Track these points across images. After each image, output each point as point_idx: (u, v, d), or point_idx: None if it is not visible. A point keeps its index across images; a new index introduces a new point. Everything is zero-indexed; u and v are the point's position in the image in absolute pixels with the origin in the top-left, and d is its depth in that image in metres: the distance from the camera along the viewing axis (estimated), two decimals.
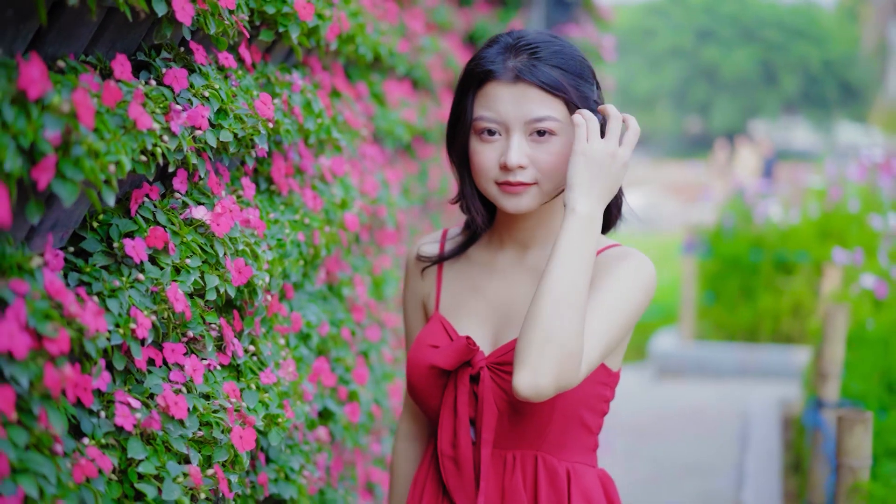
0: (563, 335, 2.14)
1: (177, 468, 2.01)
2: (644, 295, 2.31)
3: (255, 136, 2.44)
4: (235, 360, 2.42)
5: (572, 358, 2.14)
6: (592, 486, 2.40)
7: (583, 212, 2.19)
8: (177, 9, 2.06)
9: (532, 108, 2.28)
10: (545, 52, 2.31)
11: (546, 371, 2.13)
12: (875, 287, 6.47)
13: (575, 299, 2.16)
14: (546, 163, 2.29)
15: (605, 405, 2.43)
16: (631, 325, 2.30)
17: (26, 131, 1.55)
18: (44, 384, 1.59)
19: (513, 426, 2.37)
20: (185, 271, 2.17)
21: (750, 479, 6.70)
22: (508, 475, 2.39)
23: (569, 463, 2.38)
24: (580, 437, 2.39)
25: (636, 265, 2.32)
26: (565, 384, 2.15)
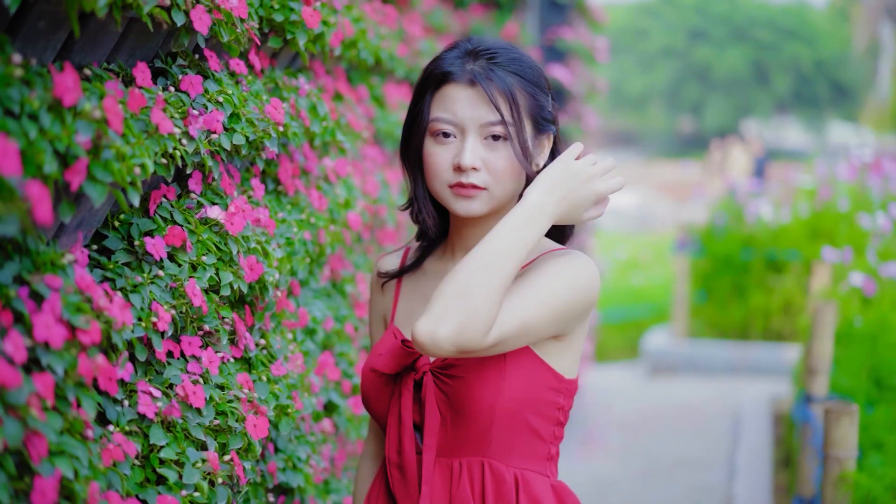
0: (475, 293, 2.13)
1: (195, 454, 2.12)
2: (576, 293, 2.29)
3: (266, 140, 2.55)
4: (247, 354, 2.53)
5: (479, 318, 2.12)
6: (544, 495, 2.38)
7: (534, 201, 2.21)
8: (194, 19, 2.17)
9: (487, 112, 2.30)
10: (503, 58, 2.34)
11: (447, 321, 2.12)
12: (863, 285, 6.58)
13: (497, 266, 2.16)
14: (498, 167, 2.31)
15: (560, 413, 2.39)
16: (558, 318, 2.27)
17: (61, 136, 1.67)
18: (78, 372, 1.71)
19: (457, 432, 2.34)
20: (201, 268, 2.28)
21: (741, 473, 6.82)
22: (455, 483, 2.36)
23: (517, 469, 2.36)
24: (529, 444, 2.37)
25: (573, 263, 2.31)
26: (466, 343, 2.13)
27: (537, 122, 2.36)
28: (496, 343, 2.18)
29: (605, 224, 22.45)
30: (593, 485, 7.15)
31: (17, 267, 1.73)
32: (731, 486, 6.72)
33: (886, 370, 5.38)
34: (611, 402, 9.62)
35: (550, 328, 2.28)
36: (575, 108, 8.48)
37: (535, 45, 7.60)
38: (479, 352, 2.17)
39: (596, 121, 9.18)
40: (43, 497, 1.59)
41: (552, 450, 2.41)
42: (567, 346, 2.36)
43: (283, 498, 2.85)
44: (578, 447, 8.09)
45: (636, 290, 14.68)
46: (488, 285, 2.14)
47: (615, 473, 7.46)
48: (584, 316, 2.35)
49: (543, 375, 2.34)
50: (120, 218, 2.20)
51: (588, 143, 9.22)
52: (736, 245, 10.68)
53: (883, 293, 6.61)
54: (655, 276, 15.39)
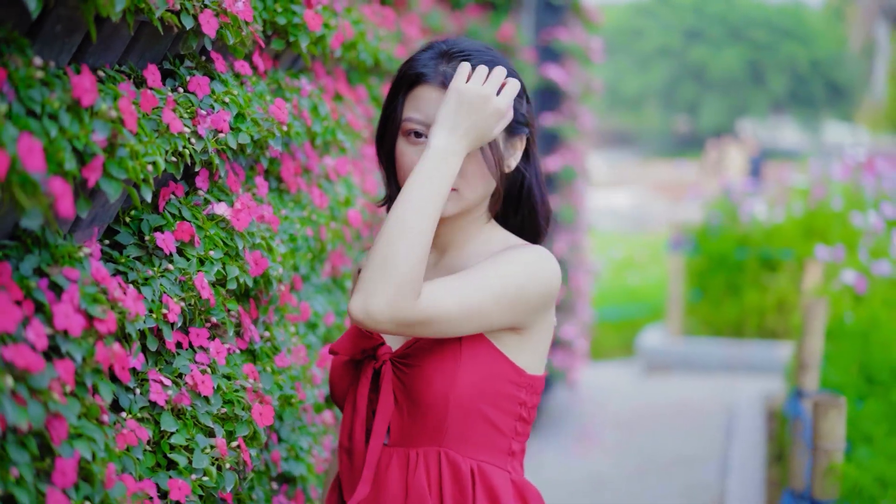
0: (397, 261, 2.16)
1: (204, 440, 2.21)
2: (531, 283, 2.31)
3: (270, 139, 2.64)
4: (252, 346, 2.62)
5: (406, 284, 2.16)
6: (502, 488, 2.38)
7: (439, 146, 2.23)
8: (203, 22, 2.26)
9: None
10: (477, 60, 2.35)
11: (377, 292, 2.16)
12: (855, 282, 6.68)
13: (412, 228, 2.19)
14: (469, 169, 2.33)
15: (521, 409, 2.41)
16: (511, 307, 2.29)
17: (80, 135, 1.76)
18: (95, 359, 1.80)
19: (413, 421, 2.36)
20: (208, 262, 2.37)
21: (734, 469, 6.91)
22: (412, 473, 2.37)
23: (475, 461, 2.37)
24: (488, 437, 2.37)
25: (531, 255, 2.34)
26: (400, 312, 2.16)
27: (510, 124, 2.38)
28: (433, 316, 2.21)
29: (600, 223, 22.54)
30: (588, 482, 7.24)
31: (36, 260, 1.82)
32: (725, 482, 6.81)
33: (876, 366, 5.47)
34: (606, 399, 9.70)
35: (503, 317, 2.30)
36: (570, 108, 8.56)
37: (530, 46, 7.68)
38: (420, 321, 2.19)
39: (591, 120, 9.26)
40: (63, 477, 1.67)
41: (513, 445, 2.42)
42: (527, 341, 2.38)
43: (286, 486, 2.94)
44: (574, 444, 8.17)
45: (632, 289, 14.77)
46: (407, 249, 2.17)
47: (610, 470, 7.55)
48: (541, 309, 2.36)
49: (502, 368, 2.36)
50: (131, 214, 2.28)
51: (584, 143, 9.32)
52: (730, 244, 10.76)
53: (874, 291, 6.71)
54: (651, 276, 15.47)
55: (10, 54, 1.70)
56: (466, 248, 2.45)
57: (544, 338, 2.42)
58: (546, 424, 8.67)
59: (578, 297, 9.17)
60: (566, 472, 7.45)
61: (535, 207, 2.50)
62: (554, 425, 8.68)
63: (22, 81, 1.68)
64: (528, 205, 2.49)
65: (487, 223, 2.47)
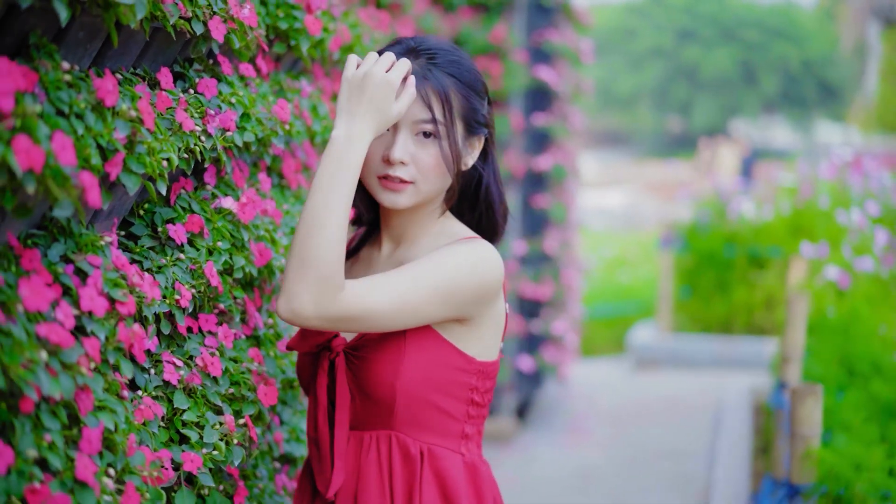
0: (314, 256, 2.22)
1: (214, 418, 2.37)
2: (468, 276, 2.38)
3: (273, 137, 2.80)
4: (257, 332, 2.78)
5: (326, 279, 2.22)
6: (451, 470, 2.47)
7: (338, 135, 2.29)
8: (212, 28, 2.42)
9: (420, 110, 2.40)
10: (442, 59, 2.44)
11: (299, 291, 2.23)
12: (838, 278, 6.85)
13: (323, 222, 2.24)
14: (426, 164, 2.41)
15: (473, 394, 2.49)
16: (449, 300, 2.36)
17: (103, 133, 1.92)
18: (117, 338, 1.96)
19: (365, 407, 2.46)
20: (217, 252, 2.53)
21: (721, 460, 7.06)
22: (364, 454, 2.47)
23: (425, 444, 2.46)
24: (438, 421, 2.46)
25: (470, 249, 2.42)
26: (325, 307, 2.23)
27: (469, 123, 2.47)
28: (360, 312, 2.27)
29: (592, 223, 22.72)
30: (578, 474, 7.41)
31: (62, 248, 1.98)
32: (711, 473, 6.96)
33: (857, 358, 5.64)
34: (596, 394, 9.87)
35: (439, 310, 2.37)
36: (561, 109, 8.71)
37: (522, 47, 7.83)
38: (348, 317, 2.26)
39: (581, 120, 9.42)
40: (89, 445, 1.83)
41: (466, 428, 2.50)
42: (474, 330, 2.45)
43: (287, 466, 3.10)
44: (565, 438, 8.33)
45: (623, 287, 14.92)
46: (322, 245, 2.23)
47: (600, 463, 7.71)
48: (483, 301, 2.43)
49: (449, 356, 2.44)
50: (145, 207, 2.44)
51: (574, 143, 9.48)
52: (719, 242, 10.90)
53: (857, 286, 6.88)
54: (642, 274, 15.63)
55: (41, 59, 1.86)
56: (419, 241, 2.53)
57: (493, 326, 2.49)
58: (537, 418, 8.84)
59: (569, 294, 9.33)
60: (557, 465, 7.62)
61: (493, 206, 2.59)
62: (545, 419, 8.85)
63: (51, 84, 1.84)
64: (485, 203, 2.58)
65: (442, 216, 2.55)
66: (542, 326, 8.56)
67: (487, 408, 2.56)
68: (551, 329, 8.64)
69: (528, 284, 8.21)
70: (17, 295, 1.69)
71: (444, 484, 2.46)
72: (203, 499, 2.45)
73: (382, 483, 2.46)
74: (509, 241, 7.86)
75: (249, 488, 2.66)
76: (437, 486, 2.46)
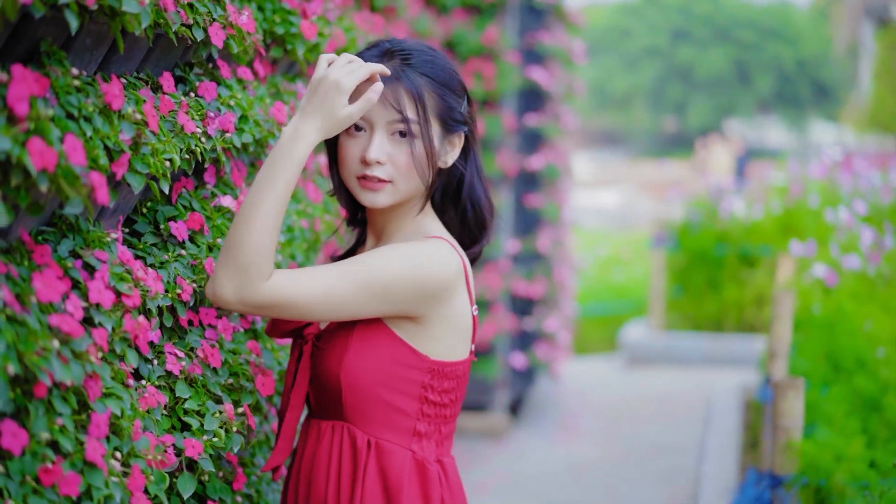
0: (238, 247, 2.30)
1: (214, 406, 2.48)
2: (405, 274, 2.43)
3: (271, 138, 2.91)
4: (254, 325, 2.89)
5: (250, 268, 2.30)
6: (396, 464, 2.51)
7: (285, 131, 2.37)
8: (212, 34, 2.53)
9: (394, 110, 2.46)
10: (417, 59, 2.50)
11: (222, 278, 2.33)
12: (825, 276, 6.97)
13: (254, 214, 2.32)
14: (402, 163, 2.47)
15: (428, 391, 2.53)
16: (383, 297, 2.42)
17: (110, 135, 2.03)
18: (123, 329, 2.08)
19: (322, 396, 2.56)
20: (216, 249, 2.64)
21: (710, 455, 7.17)
22: (318, 442, 2.57)
23: (374, 437, 2.51)
24: (388, 417, 2.51)
25: (417, 247, 2.48)
26: (247, 295, 2.32)
27: (446, 122, 2.52)
28: (281, 301, 2.35)
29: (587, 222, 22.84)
30: (570, 469, 7.53)
31: (71, 244, 2.10)
32: (701, 467, 7.08)
33: (842, 354, 5.75)
34: (589, 391, 9.98)
35: (371, 306, 2.43)
36: (553, 109, 8.83)
37: (514, 49, 7.95)
38: (269, 304, 2.34)
39: (574, 120, 9.53)
40: (98, 429, 1.95)
41: (419, 426, 2.54)
42: (425, 329, 2.50)
43: None
44: (557, 433, 8.46)
45: (616, 285, 15.04)
46: (249, 235, 2.31)
47: (591, 458, 7.83)
48: (430, 299, 2.47)
49: (399, 353, 2.49)
50: (147, 205, 2.55)
51: (567, 143, 9.60)
52: (710, 241, 11.00)
53: (843, 284, 7.00)
54: (636, 273, 15.74)
55: (51, 65, 1.98)
56: (395, 238, 2.60)
57: (449, 327, 2.53)
58: (530, 415, 8.96)
59: (561, 292, 9.45)
60: (549, 461, 7.74)
61: (478, 203, 2.64)
62: (538, 416, 8.97)
63: (62, 89, 1.96)
64: (470, 200, 2.63)
65: (419, 214, 2.60)
66: (534, 324, 8.67)
67: (453, 408, 2.59)
68: (544, 327, 8.76)
69: (520, 283, 8.32)
70: (30, 287, 1.81)
71: (387, 477, 2.51)
72: (204, 485, 2.57)
73: (329, 471, 2.54)
74: (502, 239, 7.98)
75: (247, 475, 2.77)
76: (380, 479, 2.51)
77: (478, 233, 2.68)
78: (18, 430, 1.75)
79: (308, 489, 2.59)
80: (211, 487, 2.57)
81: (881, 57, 25.76)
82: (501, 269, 8.02)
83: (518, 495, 6.95)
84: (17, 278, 1.81)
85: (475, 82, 7.60)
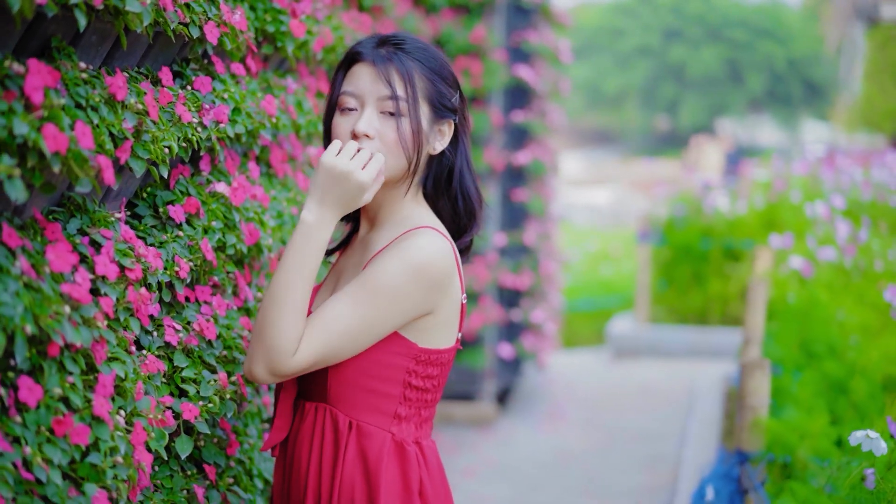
0: (268, 332, 2.45)
1: (209, 375, 2.69)
2: (408, 265, 2.52)
3: (262, 129, 3.12)
4: (247, 304, 3.10)
5: (277, 351, 2.44)
6: (376, 445, 2.60)
7: (308, 220, 2.49)
8: (207, 32, 2.74)
9: (384, 87, 2.57)
10: (410, 47, 2.63)
11: (255, 360, 2.48)
12: (802, 267, 7.18)
13: (283, 299, 2.46)
14: (390, 139, 2.58)
15: (411, 377, 2.62)
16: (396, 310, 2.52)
17: (115, 123, 2.24)
18: (127, 299, 2.29)
19: (310, 379, 2.66)
20: (211, 231, 2.84)
21: (691, 441, 7.39)
22: (303, 422, 2.68)
23: (355, 419, 2.61)
24: (370, 401, 2.61)
25: (408, 243, 2.55)
26: (279, 372, 2.46)
27: (435, 106, 2.63)
28: (310, 364, 2.49)
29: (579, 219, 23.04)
30: (556, 455, 7.75)
31: (79, 222, 2.31)
32: (681, 452, 7.31)
33: (814, 341, 5.97)
34: (575, 382, 10.19)
35: (392, 314, 2.53)
36: (539, 106, 9.03)
37: (501, 47, 8.15)
38: (300, 371, 2.49)
39: (560, 117, 9.72)
40: (104, 389, 2.15)
41: (400, 410, 2.63)
42: (427, 319, 2.60)
43: None
44: (544, 422, 8.67)
45: (605, 281, 15.24)
46: (279, 319, 2.45)
47: (576, 445, 8.04)
48: (436, 290, 2.57)
49: (386, 340, 2.58)
50: (147, 190, 2.76)
51: (554, 140, 9.80)
52: (695, 235, 11.19)
53: (819, 275, 7.22)
54: (624, 268, 15.95)
55: (62, 60, 2.18)
56: (385, 226, 2.69)
57: (448, 314, 2.64)
58: (518, 405, 9.17)
59: (548, 284, 9.65)
60: (535, 448, 7.95)
61: (468, 192, 2.73)
62: (525, 406, 9.18)
63: (71, 81, 2.17)
64: (459, 189, 2.72)
65: (412, 202, 2.70)
66: (521, 315, 8.88)
67: (435, 393, 2.68)
68: (531, 318, 8.96)
69: (507, 275, 8.54)
70: (44, 259, 2.01)
71: (367, 458, 2.60)
72: (200, 450, 2.78)
73: (312, 451, 2.66)
74: (489, 232, 8.19)
75: (240, 443, 2.99)
76: (360, 459, 2.61)
77: (468, 221, 2.76)
78: (34, 385, 1.95)
79: (291, 467, 2.72)
80: (206, 452, 2.79)
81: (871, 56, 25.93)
82: (489, 262, 8.24)
83: (504, 480, 7.16)
84: (32, 251, 2.02)
85: (463, 80, 7.80)
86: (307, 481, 2.66)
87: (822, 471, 4.03)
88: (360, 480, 2.60)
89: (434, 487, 2.67)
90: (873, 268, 7.23)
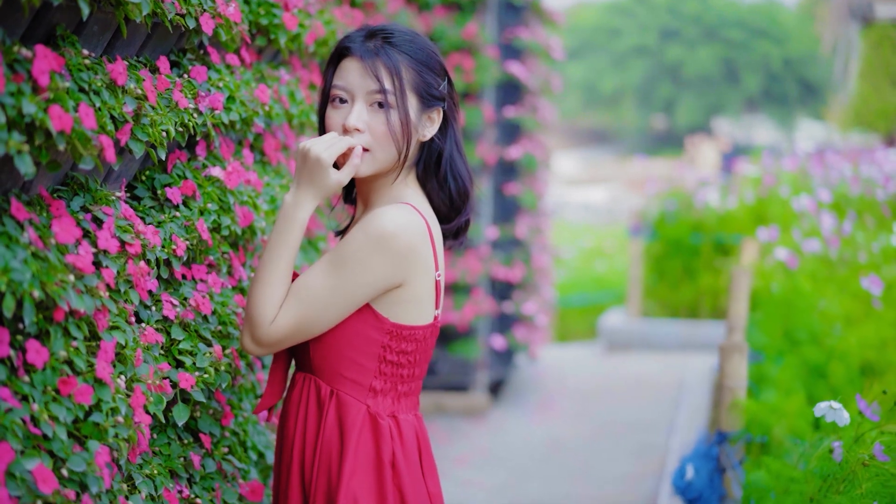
0: (249, 302, 2.68)
1: (205, 348, 2.84)
2: (370, 235, 2.63)
3: (255, 117, 3.27)
4: (241, 284, 3.25)
5: (257, 321, 2.65)
6: (351, 415, 2.74)
7: (286, 199, 2.69)
8: (203, 23, 2.89)
9: (372, 81, 2.67)
10: (398, 39, 2.71)
11: (243, 330, 2.71)
12: (787, 259, 7.33)
13: (264, 276, 2.66)
14: (379, 131, 2.68)
15: (385, 351, 2.74)
16: (357, 269, 2.64)
17: (115, 106, 2.39)
18: (127, 272, 2.44)
19: (300, 351, 2.82)
20: (206, 213, 2.99)
21: (679, 431, 7.53)
22: (293, 390, 2.85)
23: (336, 389, 2.75)
24: (349, 371, 2.74)
25: (377, 215, 2.66)
26: (260, 340, 2.67)
27: (423, 96, 2.73)
28: (285, 335, 2.68)
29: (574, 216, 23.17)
30: (547, 444, 7.89)
31: (82, 200, 2.46)
32: (669, 441, 7.45)
33: (797, 329, 6.12)
34: (568, 374, 10.34)
35: (361, 285, 2.66)
36: (531, 102, 9.18)
37: (493, 44, 8.30)
38: (281, 342, 2.69)
39: (551, 112, 9.86)
40: (105, 355, 2.30)
41: (375, 383, 2.76)
42: (399, 293, 2.71)
43: None
44: (535, 412, 8.81)
45: (599, 276, 15.39)
46: (257, 290, 2.67)
47: (567, 435, 8.19)
48: (402, 261, 2.67)
49: (361, 314, 2.71)
50: (146, 174, 2.91)
51: (546, 135, 9.94)
52: (686, 230, 11.33)
53: (803, 266, 7.36)
54: (618, 264, 16.09)
55: (66, 47, 2.34)
56: (378, 206, 2.77)
57: (421, 290, 2.74)
58: (510, 395, 9.32)
59: (540, 277, 9.80)
60: (527, 437, 8.09)
61: (459, 174, 2.82)
62: (517, 396, 9.32)
63: (75, 67, 2.32)
64: (450, 172, 2.81)
65: (402, 185, 2.79)
66: (513, 307, 9.03)
67: (411, 368, 2.80)
68: (523, 309, 9.11)
69: (499, 267, 8.68)
70: (50, 231, 2.16)
71: (343, 426, 2.74)
72: (196, 420, 2.93)
73: (298, 417, 2.82)
74: (482, 225, 8.34)
75: (235, 415, 3.13)
76: (337, 427, 2.75)
77: (461, 202, 2.84)
78: (41, 348, 2.10)
79: (283, 433, 2.88)
80: (202, 422, 2.94)
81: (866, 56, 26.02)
82: (481, 254, 8.39)
83: (496, 468, 7.30)
84: (39, 224, 2.17)
85: (455, 76, 7.95)
86: (293, 446, 2.83)
87: (797, 448, 4.17)
88: (335, 447, 2.75)
89: (407, 460, 2.78)
90: (857, 259, 7.37)
